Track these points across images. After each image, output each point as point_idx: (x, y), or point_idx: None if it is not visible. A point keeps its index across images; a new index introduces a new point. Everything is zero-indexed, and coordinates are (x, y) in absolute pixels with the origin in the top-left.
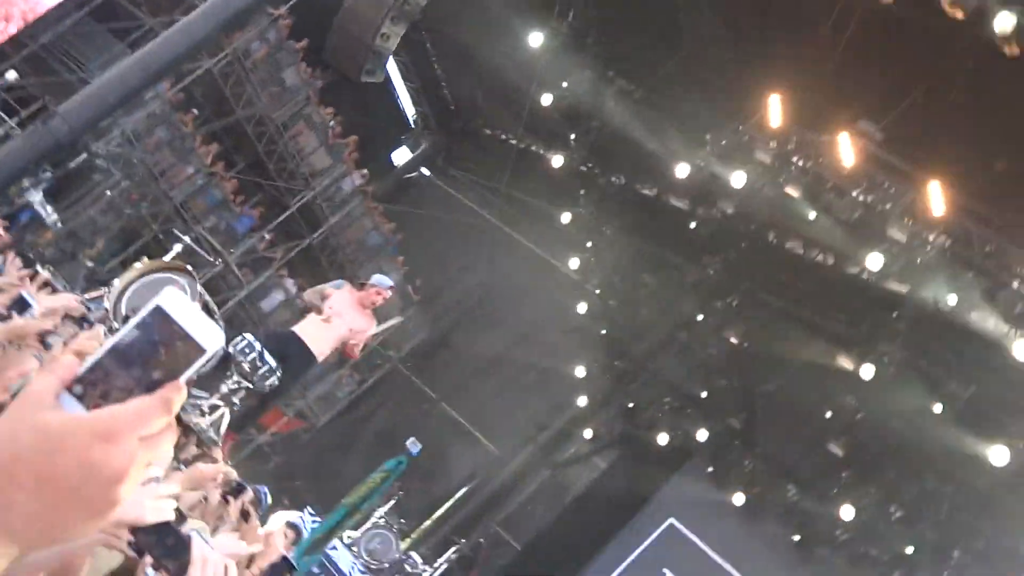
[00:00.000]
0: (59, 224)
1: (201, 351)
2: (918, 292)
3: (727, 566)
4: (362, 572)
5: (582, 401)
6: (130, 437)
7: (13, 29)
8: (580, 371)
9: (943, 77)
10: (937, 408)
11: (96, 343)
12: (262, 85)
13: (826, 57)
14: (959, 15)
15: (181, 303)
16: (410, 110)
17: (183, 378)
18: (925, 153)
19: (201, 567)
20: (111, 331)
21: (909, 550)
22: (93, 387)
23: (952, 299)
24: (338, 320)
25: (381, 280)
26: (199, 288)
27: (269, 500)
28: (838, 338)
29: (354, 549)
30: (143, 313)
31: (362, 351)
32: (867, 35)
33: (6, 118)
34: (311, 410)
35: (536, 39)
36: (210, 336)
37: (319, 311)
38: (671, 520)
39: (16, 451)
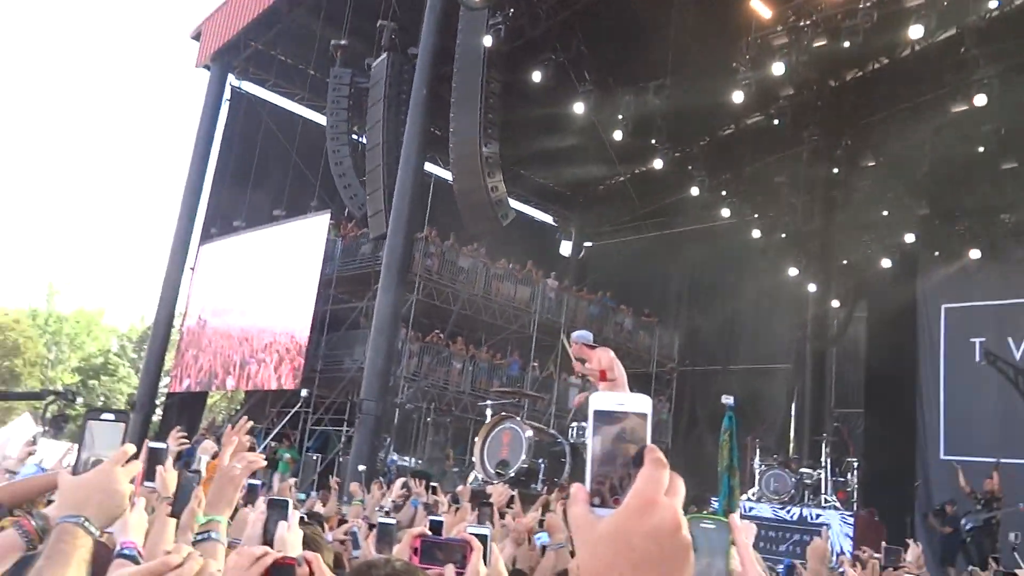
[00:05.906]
0: (416, 462)
1: (644, 416)
2: None
3: None
4: (780, 508)
5: None
6: (661, 494)
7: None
8: None
9: None
10: None
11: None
12: (452, 277)
13: None
14: None
15: (609, 397)
16: (547, 216)
17: (649, 439)
18: None
19: None
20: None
21: None
22: (605, 491)
23: None
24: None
25: (583, 336)
26: (530, 431)
27: None
28: None
29: (762, 500)
30: (589, 425)
31: None
32: None
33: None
34: None
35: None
36: (641, 402)
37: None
38: None
39: (629, 550)
